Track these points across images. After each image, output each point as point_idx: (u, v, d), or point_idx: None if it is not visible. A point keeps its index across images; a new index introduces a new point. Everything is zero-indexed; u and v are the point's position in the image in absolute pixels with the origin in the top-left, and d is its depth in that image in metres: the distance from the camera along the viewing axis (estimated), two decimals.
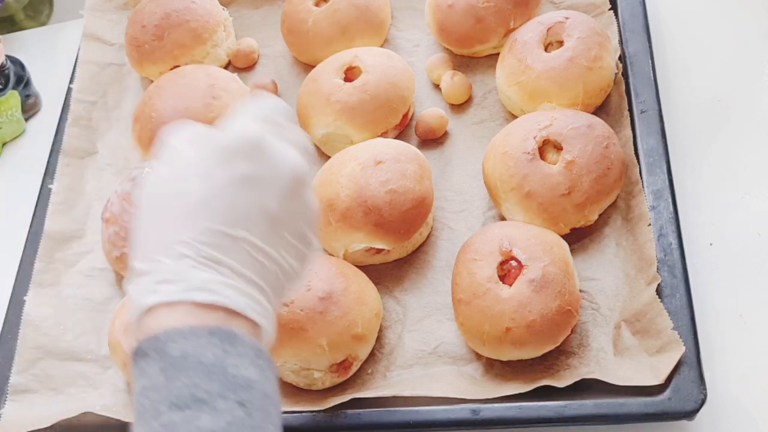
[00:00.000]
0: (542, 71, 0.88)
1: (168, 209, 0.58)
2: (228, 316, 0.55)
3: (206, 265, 0.55)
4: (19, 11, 1.24)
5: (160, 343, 0.53)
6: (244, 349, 0.54)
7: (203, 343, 0.53)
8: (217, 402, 0.51)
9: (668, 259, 0.77)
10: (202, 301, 0.54)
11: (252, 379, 0.53)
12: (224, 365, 0.52)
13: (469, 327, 0.77)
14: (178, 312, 0.54)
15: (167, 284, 0.55)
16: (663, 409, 0.70)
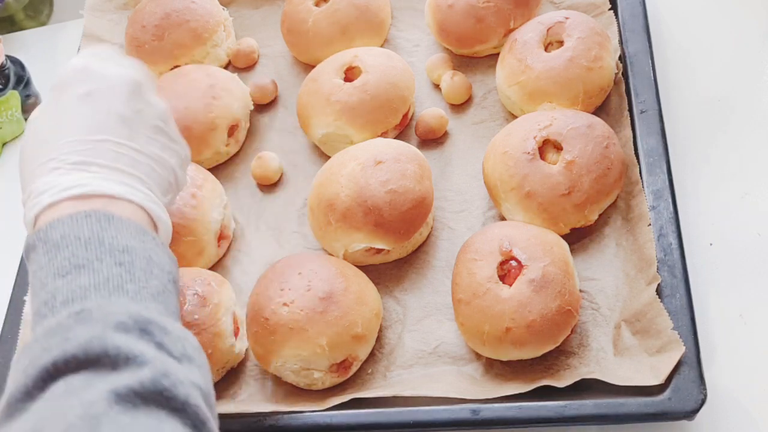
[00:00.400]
0: (542, 71, 0.88)
1: (32, 147, 0.66)
2: (108, 201, 0.61)
3: (76, 170, 0.62)
4: (19, 11, 1.24)
5: (42, 233, 0.59)
6: (122, 225, 0.59)
7: (80, 223, 0.58)
8: (94, 264, 0.56)
9: (668, 259, 0.77)
10: (76, 194, 0.61)
11: (131, 246, 0.58)
12: (101, 237, 0.58)
13: (469, 327, 0.77)
14: (58, 210, 0.60)
15: (45, 194, 0.62)
16: (663, 409, 0.70)
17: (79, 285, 0.55)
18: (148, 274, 0.58)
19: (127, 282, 0.56)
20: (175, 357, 0.53)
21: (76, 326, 0.52)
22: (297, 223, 0.92)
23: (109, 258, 0.57)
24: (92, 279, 0.55)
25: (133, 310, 0.54)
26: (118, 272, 0.56)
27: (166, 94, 0.96)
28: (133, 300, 0.55)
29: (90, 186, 0.61)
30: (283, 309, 0.78)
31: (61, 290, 0.55)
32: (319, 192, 0.86)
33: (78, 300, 0.54)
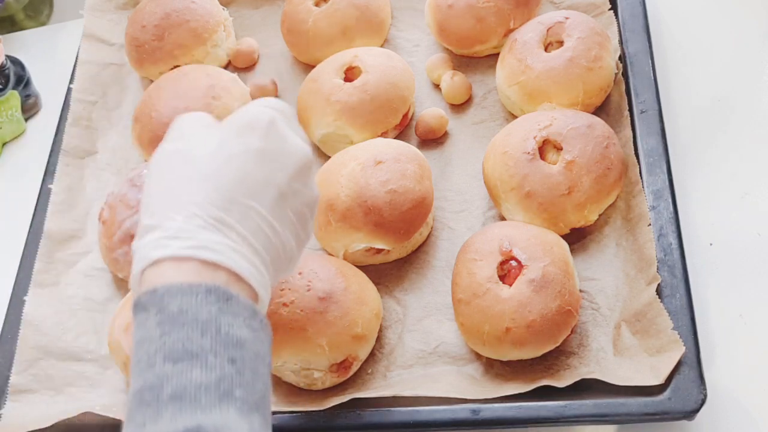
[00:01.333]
0: (542, 71, 0.88)
1: (180, 173, 0.60)
2: (229, 279, 0.57)
3: (215, 228, 0.57)
4: (19, 11, 1.24)
5: (159, 297, 0.54)
6: (239, 310, 0.56)
7: (200, 301, 0.54)
8: (208, 357, 0.53)
9: (668, 259, 0.77)
10: (207, 259, 0.56)
11: (244, 339, 0.55)
12: (218, 323, 0.54)
13: (469, 327, 0.77)
14: (181, 269, 0.56)
15: (175, 240, 0.57)
16: (663, 409, 0.70)
17: (190, 380, 0.52)
18: (255, 374, 0.55)
19: (236, 386, 0.53)
20: None
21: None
22: None
23: (223, 352, 0.53)
24: (204, 377, 0.52)
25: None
26: (230, 372, 0.53)
27: (167, 94, 0.97)
28: (239, 411, 0.52)
29: (222, 255, 0.57)
30: (283, 309, 0.78)
31: (171, 379, 0.52)
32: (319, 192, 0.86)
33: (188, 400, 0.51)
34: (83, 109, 1.06)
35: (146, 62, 1.05)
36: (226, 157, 0.60)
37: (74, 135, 1.04)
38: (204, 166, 0.60)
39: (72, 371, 0.87)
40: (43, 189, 1.00)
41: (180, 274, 0.56)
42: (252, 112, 0.62)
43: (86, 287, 0.93)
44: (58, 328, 0.90)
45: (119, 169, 1.02)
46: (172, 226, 0.57)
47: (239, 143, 0.60)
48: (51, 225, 0.96)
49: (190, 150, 0.61)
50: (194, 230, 0.57)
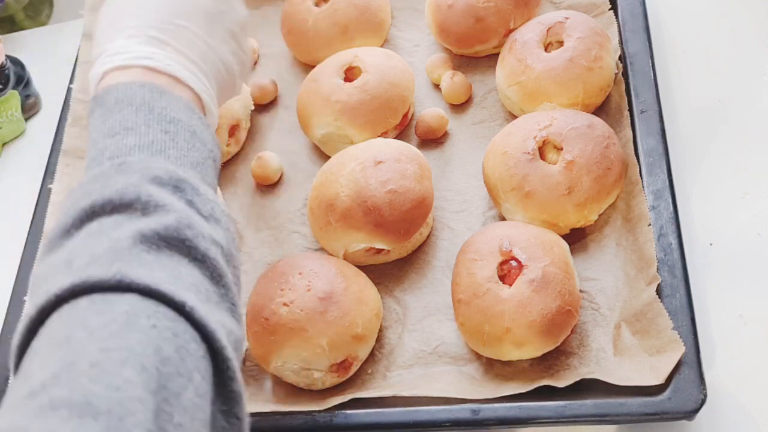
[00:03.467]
0: (542, 71, 0.88)
1: (118, 11, 0.69)
2: (170, 82, 0.64)
3: (152, 44, 0.66)
4: (19, 11, 1.24)
5: (101, 97, 0.63)
6: (175, 100, 0.63)
7: (134, 91, 0.62)
8: (141, 128, 0.60)
9: (668, 259, 0.77)
10: (146, 65, 0.64)
11: (178, 118, 0.62)
12: (151, 105, 0.61)
13: (469, 327, 0.77)
14: (124, 74, 0.64)
15: (117, 56, 0.65)
16: (663, 409, 0.70)
17: (125, 144, 0.59)
18: (190, 145, 0.62)
19: (169, 148, 0.60)
20: (202, 215, 0.57)
21: (117, 175, 0.56)
22: (297, 223, 0.92)
23: (156, 125, 0.60)
24: (138, 140, 0.59)
25: (170, 168, 0.58)
26: (163, 138, 0.60)
27: None
28: (173, 164, 0.59)
29: (160, 62, 0.64)
30: (283, 309, 0.78)
31: (109, 148, 0.59)
32: (319, 192, 0.86)
33: (122, 156, 0.58)
34: (83, 109, 1.06)
35: None
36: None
37: (74, 135, 1.03)
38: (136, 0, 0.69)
39: None
40: (43, 189, 1.00)
41: (121, 77, 0.64)
42: None
43: None
44: None
45: None
46: (114, 46, 0.66)
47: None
48: (51, 225, 0.96)
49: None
50: (134, 46, 0.65)
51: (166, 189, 0.56)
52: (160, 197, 0.55)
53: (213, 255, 0.56)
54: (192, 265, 0.54)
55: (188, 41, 0.68)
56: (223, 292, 0.56)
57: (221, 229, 0.59)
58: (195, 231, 0.55)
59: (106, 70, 0.65)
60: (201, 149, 0.63)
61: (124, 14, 0.69)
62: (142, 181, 0.56)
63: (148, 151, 0.59)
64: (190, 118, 0.63)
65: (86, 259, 0.52)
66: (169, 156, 0.60)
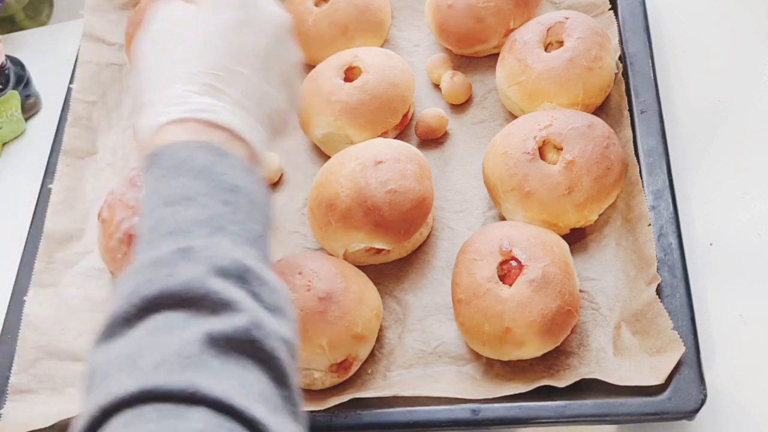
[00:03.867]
0: (542, 71, 0.88)
1: (170, 51, 0.65)
2: (226, 137, 0.61)
3: (209, 94, 0.62)
4: (19, 11, 1.24)
5: (158, 156, 0.59)
6: (234, 162, 0.60)
7: (195, 152, 0.59)
8: (202, 199, 0.57)
9: (668, 259, 0.77)
10: (204, 119, 0.61)
11: (238, 185, 0.59)
12: (212, 171, 0.58)
13: (469, 327, 0.77)
14: (181, 129, 0.60)
15: (173, 106, 0.61)
16: (663, 409, 0.70)
17: (185, 217, 0.56)
18: (250, 216, 0.58)
19: (230, 223, 0.56)
20: (268, 308, 0.54)
21: (181, 263, 0.53)
22: (297, 223, 0.92)
23: (217, 195, 0.57)
24: (198, 214, 0.56)
25: (234, 255, 0.54)
26: (224, 211, 0.57)
27: None
28: (233, 243, 0.56)
29: (218, 115, 0.61)
30: None
31: (167, 219, 0.56)
32: (319, 192, 0.86)
33: (183, 234, 0.55)
34: (83, 109, 1.06)
35: None
36: (210, 31, 0.65)
37: (74, 135, 1.03)
38: (190, 42, 0.64)
39: (72, 371, 0.87)
40: (43, 189, 1.00)
41: (180, 134, 0.60)
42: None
43: (86, 287, 0.93)
44: (58, 328, 0.90)
45: (119, 169, 1.02)
46: (169, 95, 0.62)
47: (220, 17, 0.65)
48: (51, 225, 0.96)
49: (173, 29, 0.66)
50: (191, 96, 0.61)
51: (231, 281, 0.53)
52: (228, 294, 0.52)
53: (279, 355, 0.52)
54: (258, 368, 0.51)
55: (245, 89, 0.64)
56: (286, 395, 0.52)
57: (286, 321, 0.55)
58: (264, 332, 0.52)
59: (160, 123, 0.61)
60: (260, 219, 0.60)
61: (176, 55, 0.64)
62: (208, 272, 0.52)
63: (208, 227, 0.55)
64: (249, 183, 0.60)
65: (154, 360, 0.48)
66: (229, 232, 0.56)
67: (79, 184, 1.01)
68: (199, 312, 0.51)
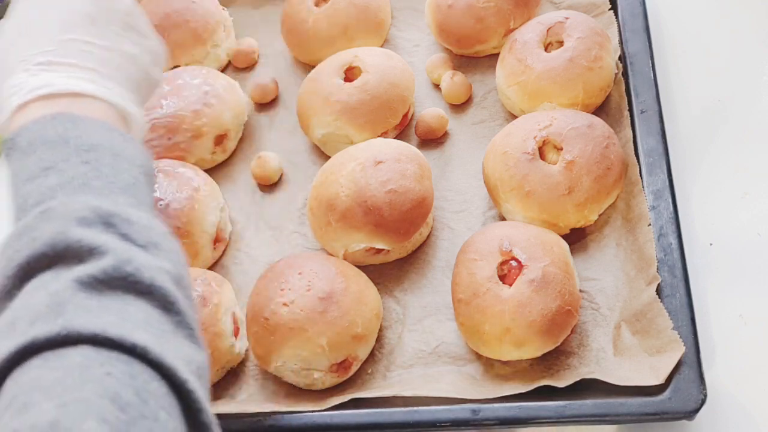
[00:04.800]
0: (542, 71, 0.88)
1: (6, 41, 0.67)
2: (73, 100, 0.62)
3: (43, 70, 0.63)
4: None
5: (12, 140, 0.60)
6: (88, 123, 0.61)
7: (46, 127, 0.59)
8: (60, 165, 0.58)
9: (668, 259, 0.77)
10: (43, 94, 0.61)
11: (97, 143, 0.59)
12: (66, 138, 0.59)
13: (469, 327, 0.77)
14: (27, 112, 0.61)
15: (14, 96, 0.62)
16: (663, 409, 0.70)
17: (47, 186, 0.57)
18: (115, 169, 0.59)
19: (92, 179, 0.57)
20: (139, 245, 0.55)
21: (41, 225, 0.54)
22: (297, 223, 0.92)
23: (75, 158, 0.58)
24: (58, 179, 0.57)
25: (94, 204, 0.55)
26: (84, 170, 0.58)
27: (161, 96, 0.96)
28: (99, 195, 0.57)
29: (56, 86, 0.62)
30: (283, 309, 0.78)
31: (32, 194, 0.57)
32: (319, 192, 0.86)
33: (46, 201, 0.56)
34: None
35: None
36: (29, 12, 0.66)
37: None
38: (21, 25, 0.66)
39: None
40: None
41: (27, 116, 0.61)
42: None
43: None
44: None
45: None
46: (11, 84, 0.63)
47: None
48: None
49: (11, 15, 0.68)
50: (27, 80, 0.62)
51: (95, 228, 0.54)
52: (91, 239, 0.53)
53: (160, 283, 0.54)
54: (140, 300, 0.53)
55: (80, 53, 0.65)
56: (178, 320, 0.54)
57: (164, 252, 0.56)
58: (135, 264, 0.53)
59: (8, 116, 0.63)
60: (128, 169, 0.60)
61: (11, 46, 0.66)
62: (68, 225, 0.54)
63: (70, 188, 0.57)
64: (110, 138, 0.61)
65: (29, 319, 0.50)
66: (93, 188, 0.57)
67: None
68: (67, 265, 0.52)
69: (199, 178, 0.91)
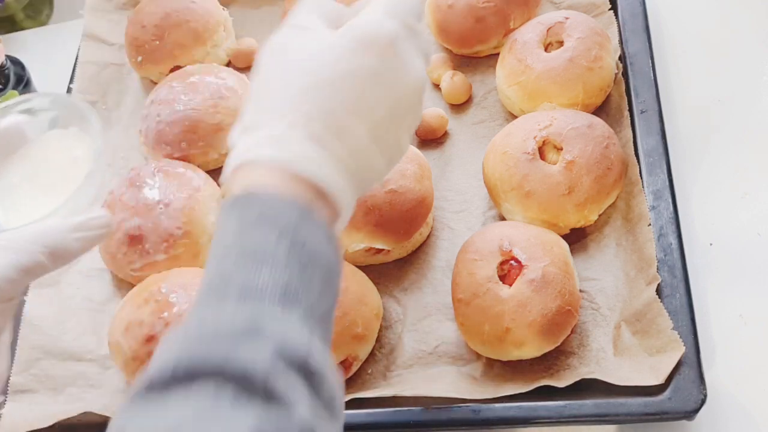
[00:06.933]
0: (542, 71, 0.88)
1: (291, 75, 0.58)
2: (315, 195, 0.56)
3: (313, 142, 0.56)
4: (19, 11, 1.24)
5: (245, 199, 0.54)
6: (317, 227, 0.55)
7: (282, 208, 0.54)
8: (279, 263, 0.52)
9: (668, 259, 0.77)
10: (298, 172, 0.55)
11: (318, 253, 0.54)
12: (295, 233, 0.53)
13: (469, 327, 0.77)
14: (272, 175, 0.55)
15: (272, 147, 0.56)
16: (663, 409, 0.70)
17: (258, 280, 0.51)
18: (324, 289, 0.54)
19: (302, 294, 0.52)
20: (324, 408, 0.50)
21: (246, 342, 0.48)
22: None
23: (295, 262, 0.53)
24: (272, 279, 0.52)
25: (302, 339, 0.50)
26: (298, 283, 0.52)
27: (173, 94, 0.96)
28: (302, 319, 0.52)
29: (315, 170, 0.56)
30: None
31: (239, 278, 0.52)
32: None
33: (252, 299, 0.51)
34: None
35: (146, 62, 1.05)
36: (340, 71, 0.57)
37: None
38: (313, 75, 0.57)
39: (72, 371, 0.87)
40: None
41: (270, 179, 0.55)
42: (374, 25, 0.59)
43: (86, 287, 0.93)
44: (58, 328, 0.90)
45: (119, 169, 1.02)
46: (273, 132, 0.56)
47: (356, 60, 0.58)
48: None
49: (306, 51, 0.59)
50: (293, 140, 0.56)
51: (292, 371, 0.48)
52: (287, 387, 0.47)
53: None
54: None
55: (352, 148, 0.57)
56: None
57: (337, 424, 0.52)
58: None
59: (255, 157, 0.56)
60: (330, 297, 0.55)
61: (293, 84, 0.58)
62: (274, 359, 0.48)
63: (281, 297, 0.51)
64: (328, 253, 0.55)
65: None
66: (300, 305, 0.52)
67: None
68: (252, 398, 0.47)
69: (199, 178, 0.91)
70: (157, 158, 0.96)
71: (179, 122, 0.94)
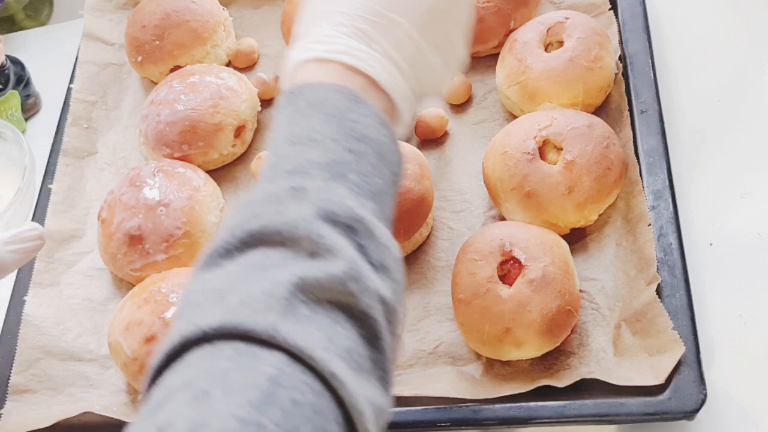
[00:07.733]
0: (542, 71, 0.88)
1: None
2: (366, 85, 0.58)
3: (359, 37, 0.59)
4: (19, 11, 1.24)
5: (294, 94, 0.57)
6: (368, 112, 0.57)
7: (330, 96, 0.56)
8: (327, 143, 0.54)
9: (668, 259, 0.77)
10: (346, 63, 0.57)
11: (367, 135, 0.56)
12: (343, 116, 0.55)
13: (469, 327, 0.77)
14: (322, 70, 0.58)
15: (320, 44, 0.59)
16: (663, 409, 0.70)
17: (307, 159, 0.54)
18: (374, 169, 0.56)
19: (351, 171, 0.54)
20: (372, 263, 0.51)
21: (290, 202, 0.51)
22: None
23: (344, 141, 0.55)
24: (321, 156, 0.54)
25: (348, 203, 0.52)
26: (348, 159, 0.54)
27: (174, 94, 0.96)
28: (350, 191, 0.53)
29: (362, 61, 0.58)
30: None
31: (290, 159, 0.54)
32: None
33: (300, 174, 0.53)
34: (83, 109, 1.06)
35: (146, 62, 1.05)
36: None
37: (74, 135, 1.04)
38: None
39: (72, 371, 0.87)
40: (43, 189, 1.00)
41: (319, 74, 0.58)
42: None
43: (86, 287, 0.93)
44: (58, 328, 0.90)
45: (119, 169, 1.02)
46: (319, 32, 0.59)
47: None
48: (51, 225, 0.96)
49: None
50: (339, 36, 0.58)
51: (338, 229, 0.51)
52: (331, 240, 0.50)
53: (374, 314, 0.49)
54: (350, 323, 0.49)
55: (398, 41, 0.59)
56: (376, 357, 0.50)
57: (390, 280, 0.52)
58: (361, 285, 0.49)
59: (305, 59, 0.59)
60: (385, 174, 0.56)
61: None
62: (316, 216, 0.50)
63: (329, 171, 0.53)
64: (381, 135, 0.57)
65: (242, 297, 0.47)
66: (349, 180, 0.54)
67: (79, 184, 1.01)
68: (297, 253, 0.49)
69: (199, 178, 0.91)
70: (157, 158, 0.96)
71: (179, 122, 0.94)
